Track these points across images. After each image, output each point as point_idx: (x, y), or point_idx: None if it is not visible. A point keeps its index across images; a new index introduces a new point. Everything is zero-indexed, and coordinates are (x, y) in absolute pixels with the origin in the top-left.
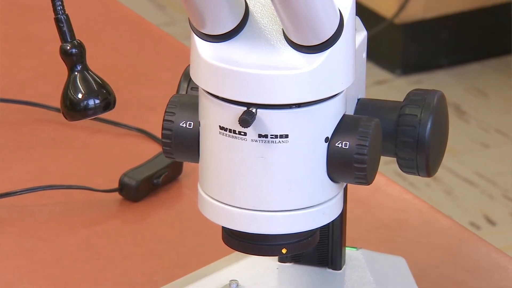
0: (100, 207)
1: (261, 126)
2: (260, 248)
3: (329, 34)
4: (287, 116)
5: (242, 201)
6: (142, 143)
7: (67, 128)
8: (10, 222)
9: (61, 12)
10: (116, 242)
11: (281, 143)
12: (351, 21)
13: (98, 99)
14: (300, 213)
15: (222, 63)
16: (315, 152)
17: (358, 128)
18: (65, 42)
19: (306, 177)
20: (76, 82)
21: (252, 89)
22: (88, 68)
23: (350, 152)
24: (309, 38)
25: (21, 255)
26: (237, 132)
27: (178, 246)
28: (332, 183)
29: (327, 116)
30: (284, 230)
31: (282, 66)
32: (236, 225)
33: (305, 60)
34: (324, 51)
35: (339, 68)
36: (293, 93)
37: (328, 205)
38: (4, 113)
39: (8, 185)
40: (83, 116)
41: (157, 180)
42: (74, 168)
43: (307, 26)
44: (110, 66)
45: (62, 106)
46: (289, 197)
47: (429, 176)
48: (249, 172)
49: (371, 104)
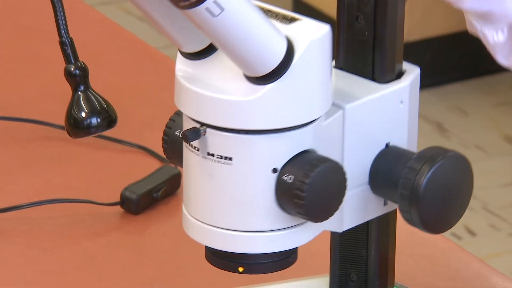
0: (102, 219)
1: (209, 145)
2: (221, 262)
3: (267, 69)
4: (231, 140)
5: (198, 213)
6: (142, 159)
7: (71, 145)
8: (17, 234)
9: (65, 36)
10: (118, 253)
11: (226, 165)
12: (309, 59)
13: (100, 117)
14: (244, 235)
15: (183, 80)
16: (260, 180)
17: (305, 166)
18: (69, 64)
19: (251, 202)
20: (80, 102)
21: (202, 109)
22: (91, 88)
23: (291, 187)
24: (248, 71)
25: (27, 266)
26: (193, 147)
27: (177, 256)
28: (284, 213)
29: (274, 148)
30: (228, 248)
31: (230, 92)
32: (195, 236)
33: (249, 90)
34: (267, 84)
35: (285, 103)
36: (234, 119)
37: (279, 234)
38: (11, 131)
39: (15, 199)
40: (86, 134)
41: (156, 194)
42: (77, 182)
43: (240, 61)
44: (112, 87)
45: (66, 124)
46: (234, 217)
47: (433, 233)
48: (200, 187)
49: (394, 152)
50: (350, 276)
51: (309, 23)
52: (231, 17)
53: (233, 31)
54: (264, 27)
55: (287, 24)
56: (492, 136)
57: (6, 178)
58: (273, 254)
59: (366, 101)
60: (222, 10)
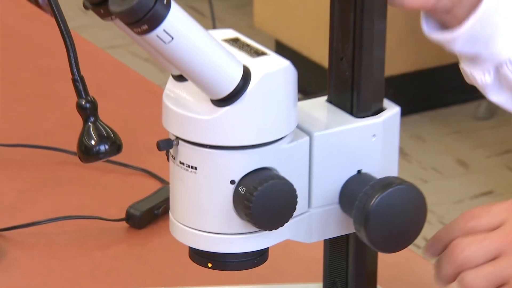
0: (110, 233)
1: (180, 155)
2: (195, 258)
3: (223, 93)
4: (196, 152)
5: (176, 215)
6: (145, 180)
7: (82, 169)
8: (36, 246)
9: (77, 74)
10: (124, 262)
11: (192, 173)
12: (264, 88)
13: (108, 145)
14: (205, 235)
15: (165, 98)
16: (220, 189)
17: (256, 181)
18: (80, 98)
19: (212, 207)
20: (90, 131)
21: (175, 124)
22: (100, 119)
23: (243, 197)
24: (207, 94)
25: (45, 274)
26: (171, 156)
27: (175, 265)
28: (241, 220)
29: (232, 162)
30: (197, 246)
31: (197, 111)
32: (174, 235)
33: (211, 110)
34: (225, 106)
35: (241, 124)
36: (198, 135)
37: (237, 238)
38: (32, 157)
39: (35, 216)
40: (96, 159)
41: (157, 211)
42: (88, 201)
43: (198, 84)
44: (118, 118)
45: (78, 151)
46: (199, 218)
47: (383, 251)
48: (175, 191)
49: (361, 178)
50: (336, 284)
51: (273, 58)
52: (181, 45)
53: (185, 57)
54: (216, 55)
55: (254, 57)
56: (446, 160)
57: (27, 197)
58: (237, 255)
59: (336, 131)
60: (172, 39)
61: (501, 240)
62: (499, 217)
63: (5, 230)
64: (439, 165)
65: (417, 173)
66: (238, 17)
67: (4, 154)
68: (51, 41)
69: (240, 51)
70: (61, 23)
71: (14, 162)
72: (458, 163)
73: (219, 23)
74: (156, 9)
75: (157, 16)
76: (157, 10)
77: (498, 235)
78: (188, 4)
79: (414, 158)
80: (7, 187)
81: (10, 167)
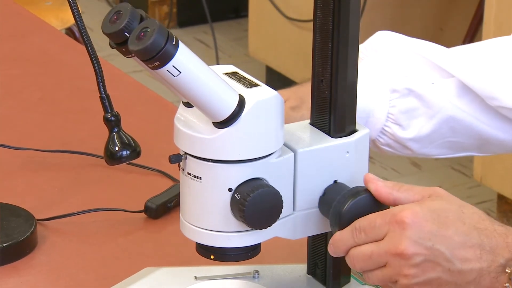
0: (132, 223)
1: (188, 167)
2: (200, 251)
3: (222, 117)
4: (200, 165)
5: (185, 216)
6: (160, 179)
7: (109, 170)
8: (71, 233)
9: (104, 92)
10: (142, 246)
11: (197, 182)
12: (256, 114)
13: (129, 151)
14: (208, 232)
15: (176, 121)
16: (220, 195)
17: (249, 189)
18: (106, 112)
19: (214, 210)
20: (114, 140)
21: (183, 142)
22: (123, 130)
23: (238, 202)
24: (209, 117)
25: (78, 256)
26: (181, 168)
27: (185, 248)
28: (237, 221)
29: (229, 173)
30: (201, 241)
31: (201, 132)
32: (184, 232)
33: (213, 131)
34: (224, 128)
35: (237, 143)
36: (202, 151)
37: (234, 235)
38: (68, 160)
39: (70, 208)
40: (119, 162)
41: (170, 204)
42: (114, 196)
43: (202, 109)
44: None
45: (105, 155)
46: (203, 218)
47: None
48: (184, 196)
49: (337, 187)
50: (317, 265)
51: (264, 89)
52: (187, 78)
53: (190, 88)
54: (216, 86)
55: (248, 88)
56: (402, 162)
57: (64, 193)
58: (235, 249)
59: (316, 148)
60: (180, 73)
61: (383, 254)
62: (383, 232)
63: (46, 220)
64: (397, 166)
65: (380, 173)
66: (236, 48)
67: (46, 158)
68: (84, 66)
69: (237, 82)
70: (91, 52)
71: (54, 164)
72: (412, 164)
73: (221, 52)
74: (166, 48)
75: (167, 54)
76: (167, 49)
77: (381, 250)
78: (195, 37)
79: (377, 160)
80: (48, 185)
81: (50, 169)
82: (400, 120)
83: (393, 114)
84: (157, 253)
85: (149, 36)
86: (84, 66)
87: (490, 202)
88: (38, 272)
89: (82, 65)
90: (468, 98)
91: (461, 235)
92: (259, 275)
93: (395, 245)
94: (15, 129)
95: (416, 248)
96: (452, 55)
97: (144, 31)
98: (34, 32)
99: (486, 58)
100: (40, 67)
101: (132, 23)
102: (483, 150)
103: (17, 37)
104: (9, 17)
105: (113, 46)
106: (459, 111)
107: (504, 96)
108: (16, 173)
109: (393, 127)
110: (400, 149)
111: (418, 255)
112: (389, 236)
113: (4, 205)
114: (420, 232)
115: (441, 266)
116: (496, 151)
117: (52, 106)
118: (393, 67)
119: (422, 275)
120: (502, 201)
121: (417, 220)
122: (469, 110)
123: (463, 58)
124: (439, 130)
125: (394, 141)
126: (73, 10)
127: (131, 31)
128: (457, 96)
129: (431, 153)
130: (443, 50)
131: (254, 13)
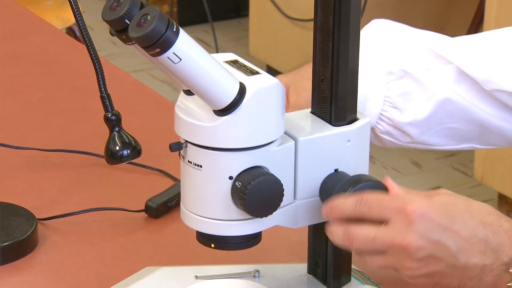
0: (132, 222)
1: (188, 155)
2: (201, 239)
3: (223, 105)
4: (201, 153)
5: (185, 204)
6: (160, 179)
7: (109, 169)
8: (72, 233)
9: (104, 92)
10: (143, 246)
11: (198, 170)
12: (256, 101)
13: (129, 150)
14: (208, 221)
15: (176, 109)
16: (221, 183)
17: (249, 177)
18: (107, 112)
19: (214, 198)
20: (115, 139)
21: (184, 130)
22: (123, 129)
23: (239, 190)
24: (210, 105)
25: (78, 255)
26: (181, 156)
27: (185, 248)
28: (238, 209)
29: (230, 161)
30: (202, 229)
31: (202, 120)
32: (184, 221)
33: (213, 119)
34: (224, 115)
35: (237, 130)
36: (202, 139)
37: (234, 223)
38: (69, 159)
39: (71, 208)
40: (120, 162)
41: (170, 204)
42: (114, 196)
43: (202, 97)
44: (138, 128)
45: (105, 155)
46: (203, 207)
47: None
48: (185, 185)
49: (337, 175)
50: (318, 264)
51: (265, 77)
52: (187, 65)
53: (191, 75)
54: (217, 74)
55: (249, 76)
56: (403, 161)
57: (64, 193)
58: (235, 237)
59: (317, 137)
60: (180, 60)
61: (387, 243)
62: (387, 215)
63: (46, 219)
64: (398, 165)
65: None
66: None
67: (47, 158)
68: (84, 66)
69: (238, 70)
70: (91, 51)
71: (54, 164)
72: (413, 163)
73: (222, 51)
74: (166, 35)
75: (167, 41)
76: (168, 36)
77: (386, 237)
78: (196, 37)
79: (378, 160)
80: (48, 184)
81: (51, 168)
82: (397, 103)
83: (390, 97)
84: (158, 252)
85: (150, 23)
86: (85, 66)
87: (491, 201)
88: (39, 272)
89: (83, 65)
90: (465, 85)
91: (468, 230)
92: (260, 274)
93: (401, 236)
94: (16, 129)
95: (422, 242)
96: (449, 42)
97: (145, 18)
98: (35, 31)
99: (484, 45)
100: (41, 66)
101: (132, 10)
102: (484, 141)
103: (17, 36)
104: (9, 17)
105: (114, 33)
106: (455, 94)
107: (500, 79)
108: (17, 172)
109: (390, 111)
110: (400, 137)
111: (423, 249)
112: (395, 225)
113: (5, 205)
114: (428, 226)
115: (445, 261)
116: (497, 142)
117: (52, 105)
118: (389, 51)
119: (425, 268)
120: (503, 201)
121: (426, 213)
122: (467, 96)
123: (461, 44)
124: (437, 114)
125: (393, 127)
126: (74, 9)
127: (131, 18)
128: (454, 82)
129: (431, 142)
130: (440, 37)
131: (254, 12)
